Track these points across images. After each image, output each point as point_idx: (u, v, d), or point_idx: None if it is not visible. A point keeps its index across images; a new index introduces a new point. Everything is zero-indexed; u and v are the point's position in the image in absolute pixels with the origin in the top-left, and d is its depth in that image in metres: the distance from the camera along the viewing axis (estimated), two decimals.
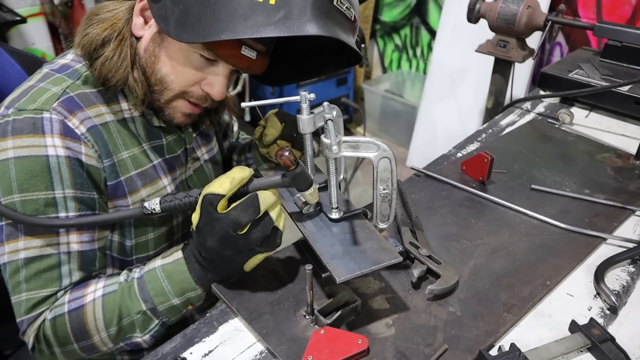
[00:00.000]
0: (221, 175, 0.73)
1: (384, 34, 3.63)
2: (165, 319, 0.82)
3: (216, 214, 0.71)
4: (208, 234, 0.73)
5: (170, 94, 0.86)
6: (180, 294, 0.81)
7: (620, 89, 1.39)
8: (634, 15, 2.37)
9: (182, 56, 0.82)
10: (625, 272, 0.90)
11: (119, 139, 0.87)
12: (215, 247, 0.74)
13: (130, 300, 0.80)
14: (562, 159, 1.25)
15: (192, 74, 0.83)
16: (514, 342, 0.73)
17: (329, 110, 0.78)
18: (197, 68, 0.83)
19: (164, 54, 0.83)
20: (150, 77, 0.85)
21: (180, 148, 0.98)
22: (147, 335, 0.83)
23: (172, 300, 0.81)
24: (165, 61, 0.83)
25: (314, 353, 0.71)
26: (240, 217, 0.70)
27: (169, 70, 0.83)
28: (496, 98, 1.86)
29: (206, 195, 0.72)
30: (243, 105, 0.83)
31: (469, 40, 2.05)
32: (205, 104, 0.89)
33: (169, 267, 0.82)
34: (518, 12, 1.61)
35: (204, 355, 0.76)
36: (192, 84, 0.85)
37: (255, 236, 0.73)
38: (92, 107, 0.84)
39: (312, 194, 0.75)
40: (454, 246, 0.95)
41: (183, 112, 0.89)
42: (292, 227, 0.86)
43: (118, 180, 0.86)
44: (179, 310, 0.83)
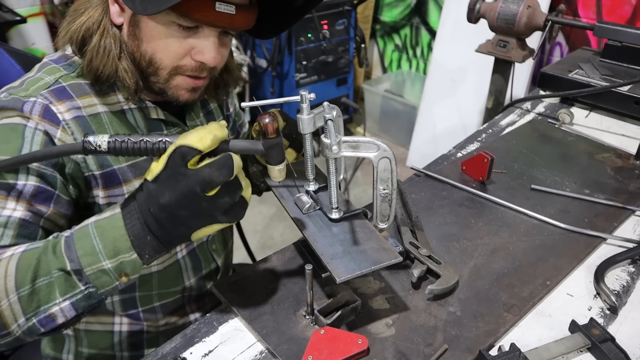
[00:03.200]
0: (199, 128, 0.65)
1: (384, 34, 3.63)
2: (92, 287, 0.68)
3: (185, 169, 0.63)
4: (168, 188, 0.64)
5: (164, 72, 0.83)
6: (112, 254, 0.68)
7: (620, 89, 1.39)
8: (634, 15, 2.37)
9: (162, 31, 0.79)
10: (625, 272, 0.90)
11: (111, 130, 0.86)
12: (171, 204, 0.64)
13: (54, 256, 0.68)
14: (562, 159, 1.25)
15: (178, 46, 0.80)
16: (514, 342, 0.73)
17: (329, 110, 0.78)
18: (181, 39, 0.80)
19: (145, 34, 0.80)
20: (140, 61, 0.83)
21: None
22: (67, 302, 0.67)
23: (103, 263, 0.67)
24: (149, 41, 0.81)
25: (314, 353, 0.71)
26: (214, 176, 0.62)
27: (154, 48, 0.81)
28: (496, 98, 1.86)
29: (181, 146, 0.63)
30: (243, 105, 0.83)
31: (469, 40, 2.05)
32: (204, 74, 0.85)
33: (103, 222, 0.69)
34: (518, 12, 1.61)
35: (204, 355, 0.76)
36: (182, 56, 0.82)
37: (224, 201, 0.65)
38: (84, 97, 0.84)
39: (280, 171, 0.69)
40: (454, 246, 0.95)
41: (186, 89, 0.86)
42: (292, 227, 0.86)
43: (112, 169, 0.86)
44: (110, 279, 0.68)
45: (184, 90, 0.86)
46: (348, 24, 3.11)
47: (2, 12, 2.54)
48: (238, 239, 1.51)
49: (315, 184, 0.87)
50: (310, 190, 0.87)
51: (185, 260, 1.00)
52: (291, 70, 3.00)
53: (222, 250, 1.10)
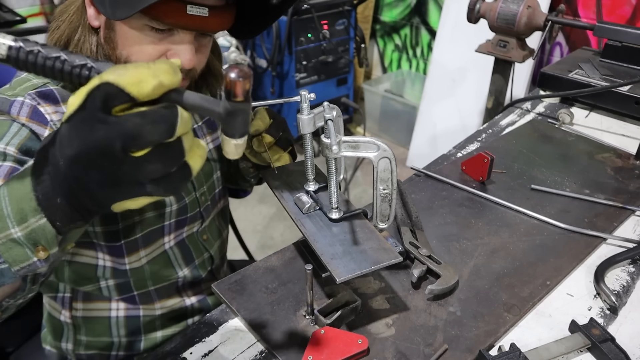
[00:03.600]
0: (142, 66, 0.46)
1: (384, 34, 3.63)
2: (4, 264, 0.54)
3: (105, 115, 0.44)
4: (79, 136, 0.46)
5: None
6: (19, 218, 0.53)
7: (620, 89, 1.39)
8: (634, 15, 2.37)
9: (136, 35, 0.77)
10: (625, 272, 0.90)
11: None
12: (80, 159, 0.46)
13: None
14: (562, 159, 1.25)
15: (152, 49, 0.78)
16: (514, 342, 0.73)
17: (329, 110, 0.78)
18: (156, 42, 0.78)
19: (120, 38, 0.79)
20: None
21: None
22: None
23: (11, 230, 0.53)
24: (124, 44, 0.79)
25: (314, 353, 0.71)
26: (145, 131, 0.44)
27: (129, 52, 0.79)
28: (496, 98, 1.86)
29: (107, 84, 0.44)
30: None
31: (469, 40, 2.05)
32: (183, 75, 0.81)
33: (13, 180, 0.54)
34: (518, 12, 1.61)
35: (204, 355, 0.76)
36: (156, 59, 0.79)
37: (154, 167, 0.46)
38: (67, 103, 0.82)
39: (237, 147, 0.52)
40: (454, 246, 0.95)
41: None
42: (292, 227, 0.86)
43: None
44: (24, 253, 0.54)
45: None
46: (348, 24, 3.12)
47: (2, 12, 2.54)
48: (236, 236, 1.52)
49: (315, 184, 0.87)
50: (310, 190, 0.87)
51: (174, 250, 1.00)
52: (291, 70, 3.00)
53: (215, 239, 1.10)
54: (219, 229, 1.12)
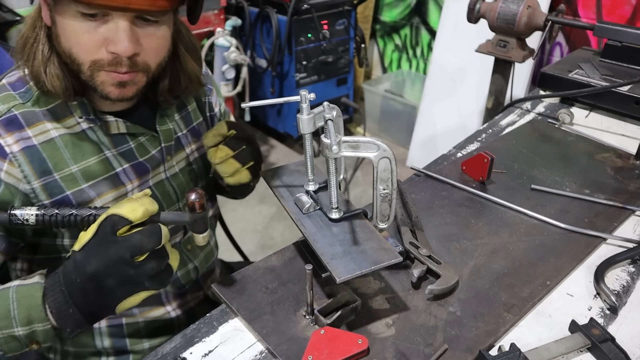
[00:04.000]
0: (131, 200, 0.68)
1: (384, 34, 3.63)
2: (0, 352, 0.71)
3: (115, 236, 0.66)
4: (96, 256, 0.66)
5: (84, 68, 0.78)
6: (25, 322, 0.69)
7: (620, 89, 1.39)
8: (634, 15, 2.37)
9: (72, 24, 0.75)
10: (625, 272, 0.90)
11: (67, 153, 0.84)
12: (98, 271, 0.66)
13: None
14: (562, 159, 1.25)
15: (88, 38, 0.76)
16: (514, 342, 0.73)
17: (329, 110, 0.78)
18: (91, 30, 0.75)
19: (61, 30, 0.77)
20: (66, 60, 0.79)
21: (155, 148, 0.94)
22: None
23: (15, 329, 0.69)
24: (65, 36, 0.77)
25: (314, 353, 0.71)
26: (144, 242, 0.66)
27: (70, 44, 0.77)
28: (496, 98, 1.86)
29: (112, 215, 0.66)
30: (243, 105, 0.83)
31: (469, 40, 2.05)
32: (123, 68, 0.78)
33: (23, 288, 0.71)
34: (518, 12, 1.61)
35: (204, 355, 0.76)
36: (96, 49, 0.77)
37: (151, 267, 0.67)
38: (35, 126, 0.82)
39: (204, 238, 0.76)
40: (454, 246, 0.95)
41: (112, 83, 0.80)
42: (292, 227, 0.86)
43: (64, 195, 0.84)
44: (19, 346, 0.71)
45: (112, 87, 0.80)
46: (348, 24, 3.11)
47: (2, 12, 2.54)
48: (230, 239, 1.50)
49: (315, 184, 0.87)
50: (310, 190, 0.87)
51: None
52: (291, 70, 3.00)
53: (201, 249, 1.09)
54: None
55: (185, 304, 1.08)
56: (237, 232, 2.64)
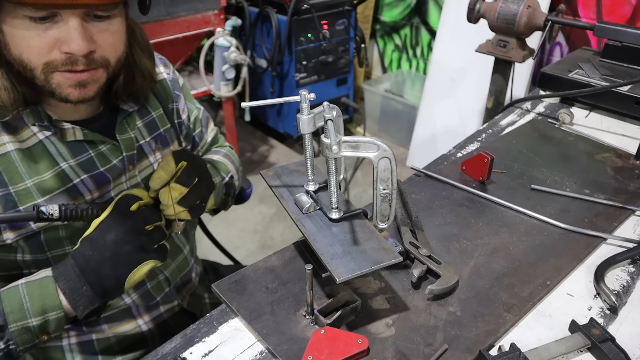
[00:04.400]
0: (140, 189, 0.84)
1: (384, 34, 3.64)
2: (13, 344, 0.74)
3: (129, 210, 0.79)
4: (114, 227, 0.77)
5: (37, 72, 0.76)
6: (39, 312, 0.75)
7: (620, 89, 1.39)
8: (634, 15, 2.37)
9: (19, 29, 0.73)
10: (625, 272, 0.90)
11: (22, 167, 0.81)
12: (118, 239, 0.77)
13: None
14: (562, 159, 1.25)
15: (38, 42, 0.73)
16: (514, 342, 0.73)
17: (329, 110, 0.78)
18: (40, 32, 0.73)
19: (8, 37, 0.74)
20: (18, 69, 0.76)
21: (116, 157, 0.91)
22: None
23: (29, 320, 0.74)
24: (13, 44, 0.74)
25: (314, 353, 0.71)
26: (154, 213, 0.82)
27: (20, 50, 0.74)
28: (496, 98, 1.86)
29: (126, 195, 0.81)
30: (243, 105, 0.83)
31: (469, 40, 2.05)
32: (79, 66, 0.76)
33: (34, 283, 0.77)
34: (518, 12, 1.61)
35: (204, 355, 0.76)
36: (47, 51, 0.74)
37: (158, 234, 0.82)
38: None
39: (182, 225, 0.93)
40: (454, 246, 0.95)
41: (71, 85, 0.78)
42: (292, 227, 0.87)
43: (16, 210, 0.81)
44: (32, 337, 0.75)
45: (70, 88, 0.78)
46: (348, 24, 3.12)
47: None
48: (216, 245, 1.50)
49: (315, 184, 0.87)
50: (310, 190, 0.87)
51: None
52: (291, 70, 3.00)
53: (172, 259, 1.06)
54: (178, 246, 1.08)
55: (158, 316, 1.06)
56: (237, 232, 2.65)
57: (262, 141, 3.50)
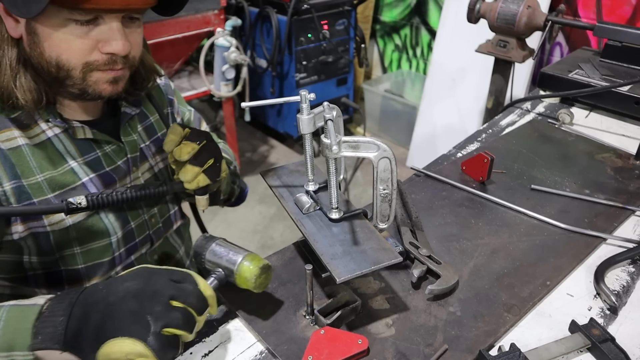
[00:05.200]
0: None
1: (384, 34, 3.63)
2: None
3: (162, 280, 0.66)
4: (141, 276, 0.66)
5: (76, 72, 0.79)
6: (6, 347, 0.63)
7: (620, 89, 1.39)
8: (634, 15, 2.37)
9: (61, 32, 0.75)
10: (625, 272, 0.90)
11: (33, 162, 0.82)
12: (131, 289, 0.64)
13: None
14: (562, 159, 1.25)
15: (81, 44, 0.76)
16: (514, 342, 0.73)
17: (329, 110, 0.78)
18: (82, 35, 0.76)
19: (44, 40, 0.76)
20: (49, 70, 0.79)
21: (121, 158, 0.93)
22: None
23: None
24: (50, 45, 0.77)
25: (314, 353, 0.71)
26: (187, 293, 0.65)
27: (57, 52, 0.77)
28: (496, 98, 1.86)
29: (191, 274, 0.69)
30: (243, 105, 0.83)
31: (469, 40, 2.05)
32: (118, 65, 0.81)
33: (17, 309, 0.67)
34: (518, 12, 1.61)
35: (204, 355, 0.76)
36: (88, 52, 0.78)
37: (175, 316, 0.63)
38: (3, 132, 0.80)
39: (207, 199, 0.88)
40: (454, 246, 0.95)
41: (107, 81, 0.82)
42: (292, 227, 0.86)
43: (31, 201, 0.81)
44: None
45: (106, 84, 0.82)
46: (348, 24, 3.11)
47: None
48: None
49: (315, 184, 0.87)
50: (310, 190, 0.87)
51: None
52: (291, 70, 3.00)
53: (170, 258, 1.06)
54: (174, 246, 1.09)
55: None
56: (237, 232, 2.65)
57: (262, 141, 3.50)
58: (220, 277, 0.76)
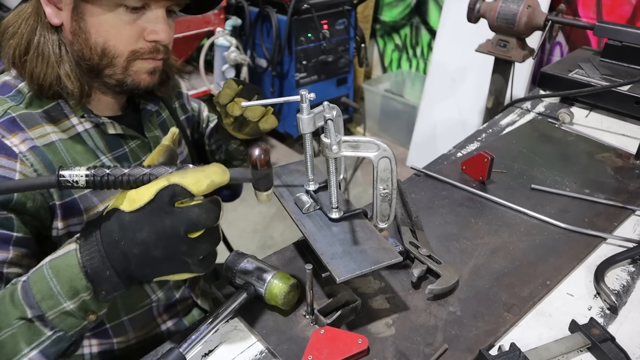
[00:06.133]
0: (198, 169, 0.61)
1: (384, 34, 3.63)
2: (60, 332, 0.64)
3: (172, 207, 0.59)
4: (149, 224, 0.60)
5: (121, 60, 0.81)
6: (71, 295, 0.63)
7: (620, 88, 1.39)
8: (634, 15, 2.37)
9: (110, 17, 0.77)
10: (625, 272, 0.90)
11: (68, 158, 0.82)
12: (148, 241, 0.60)
13: (13, 306, 0.64)
14: (562, 158, 1.25)
15: (129, 30, 0.79)
16: (514, 341, 0.73)
17: (329, 110, 0.78)
18: (131, 22, 0.79)
19: (92, 25, 0.78)
20: (91, 56, 0.80)
21: (145, 153, 0.95)
22: (34, 351, 0.63)
23: (64, 305, 0.63)
24: (97, 31, 0.78)
25: (314, 353, 0.71)
26: (201, 218, 0.60)
27: (105, 37, 0.79)
28: (496, 98, 1.86)
29: (174, 185, 0.59)
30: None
31: (469, 40, 2.05)
32: (160, 55, 0.84)
33: (57, 261, 0.65)
34: (518, 11, 1.61)
35: (204, 355, 0.76)
36: (135, 39, 0.80)
37: (203, 246, 0.62)
38: (35, 128, 0.80)
39: (268, 196, 0.69)
40: (454, 246, 0.95)
41: (147, 72, 0.84)
42: (292, 227, 0.86)
43: (72, 198, 0.82)
44: (77, 321, 0.64)
45: (145, 74, 0.84)
46: (348, 23, 3.11)
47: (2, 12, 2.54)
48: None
49: (315, 183, 0.87)
50: (310, 190, 0.87)
51: None
52: (291, 70, 3.00)
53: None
54: None
55: (175, 315, 1.06)
56: (237, 232, 2.65)
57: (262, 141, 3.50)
58: (250, 292, 0.80)
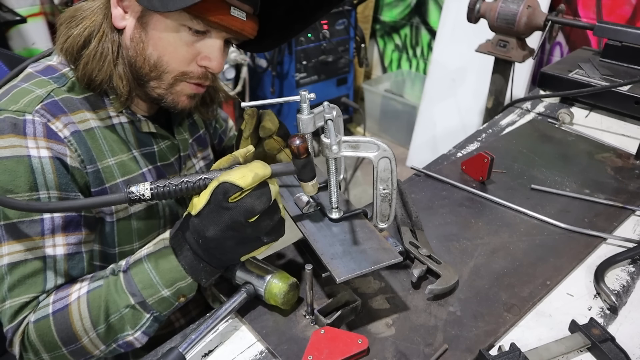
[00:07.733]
0: (242, 167, 0.70)
1: (384, 34, 3.63)
2: (156, 312, 0.77)
3: (227, 203, 0.68)
4: (212, 222, 0.70)
5: (169, 77, 0.82)
6: (169, 284, 0.75)
7: (620, 88, 1.39)
8: (634, 15, 2.37)
9: (172, 35, 0.78)
10: (625, 272, 0.90)
11: (105, 145, 0.84)
12: (217, 236, 0.70)
13: (118, 295, 0.75)
14: (562, 159, 1.25)
15: (186, 51, 0.80)
16: (514, 342, 0.73)
17: (329, 110, 0.78)
18: (189, 44, 0.80)
19: (152, 37, 0.79)
20: (142, 66, 0.81)
21: (173, 155, 0.96)
22: (138, 332, 0.76)
23: (162, 292, 0.75)
24: (156, 44, 0.79)
25: (314, 353, 0.71)
26: (255, 205, 0.68)
27: (161, 52, 0.80)
28: (496, 98, 1.86)
29: (223, 183, 0.68)
30: (243, 105, 0.83)
31: (469, 40, 2.05)
32: (207, 81, 0.85)
33: (155, 255, 0.76)
34: (518, 12, 1.61)
35: (204, 355, 0.76)
36: (189, 62, 0.82)
37: (265, 224, 0.72)
38: (76, 113, 0.81)
39: (314, 186, 0.75)
40: (454, 246, 0.95)
41: (187, 95, 0.86)
42: (292, 227, 0.86)
43: (103, 187, 0.83)
44: (171, 303, 0.77)
45: (185, 97, 0.86)
46: (348, 23, 3.11)
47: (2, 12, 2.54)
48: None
49: None
50: None
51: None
52: (291, 70, 3.00)
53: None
54: None
55: (187, 313, 1.08)
56: None
57: None
58: (250, 292, 0.80)
